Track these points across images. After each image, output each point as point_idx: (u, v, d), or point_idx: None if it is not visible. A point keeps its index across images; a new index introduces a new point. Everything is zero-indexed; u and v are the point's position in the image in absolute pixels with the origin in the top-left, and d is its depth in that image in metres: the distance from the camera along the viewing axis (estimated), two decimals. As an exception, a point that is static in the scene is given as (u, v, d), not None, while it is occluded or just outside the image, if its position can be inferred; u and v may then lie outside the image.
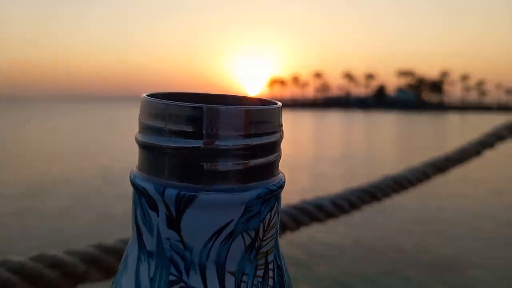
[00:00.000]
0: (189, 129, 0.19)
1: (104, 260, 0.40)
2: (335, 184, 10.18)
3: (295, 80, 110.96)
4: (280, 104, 0.23)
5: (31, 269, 0.37)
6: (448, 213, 7.06)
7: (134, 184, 0.21)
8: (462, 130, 35.58)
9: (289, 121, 44.65)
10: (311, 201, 0.62)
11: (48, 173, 10.28)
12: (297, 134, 26.47)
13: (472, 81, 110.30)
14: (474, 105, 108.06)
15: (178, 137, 0.19)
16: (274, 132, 0.21)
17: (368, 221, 6.03)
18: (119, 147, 16.32)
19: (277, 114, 0.21)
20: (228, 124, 0.19)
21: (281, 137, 0.22)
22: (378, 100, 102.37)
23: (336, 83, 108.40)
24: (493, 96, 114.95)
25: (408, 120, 50.87)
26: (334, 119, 51.19)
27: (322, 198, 0.62)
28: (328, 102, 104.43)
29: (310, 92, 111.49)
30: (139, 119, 0.21)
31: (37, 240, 5.48)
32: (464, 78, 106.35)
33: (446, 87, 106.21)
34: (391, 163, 13.98)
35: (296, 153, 16.34)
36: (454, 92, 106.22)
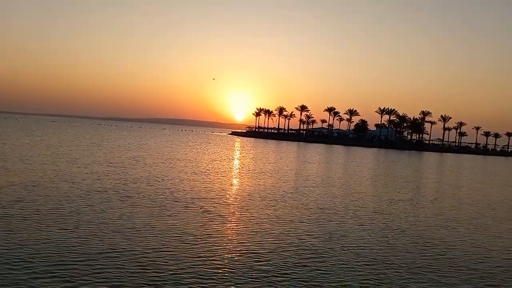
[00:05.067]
0: None
1: None
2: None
3: (281, 110, 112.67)
4: None
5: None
6: None
7: None
8: (437, 167, 37.32)
9: (273, 151, 46.04)
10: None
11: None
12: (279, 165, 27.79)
13: (452, 123, 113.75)
14: (453, 145, 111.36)
15: None
16: None
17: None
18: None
19: None
20: None
21: None
22: (359, 135, 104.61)
23: (320, 117, 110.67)
24: (472, 137, 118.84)
25: (386, 156, 52.68)
26: (315, 151, 52.70)
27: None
28: (311, 134, 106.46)
29: (295, 124, 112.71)
30: None
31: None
32: (445, 119, 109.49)
33: (426, 126, 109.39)
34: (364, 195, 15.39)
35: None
36: (434, 131, 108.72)
